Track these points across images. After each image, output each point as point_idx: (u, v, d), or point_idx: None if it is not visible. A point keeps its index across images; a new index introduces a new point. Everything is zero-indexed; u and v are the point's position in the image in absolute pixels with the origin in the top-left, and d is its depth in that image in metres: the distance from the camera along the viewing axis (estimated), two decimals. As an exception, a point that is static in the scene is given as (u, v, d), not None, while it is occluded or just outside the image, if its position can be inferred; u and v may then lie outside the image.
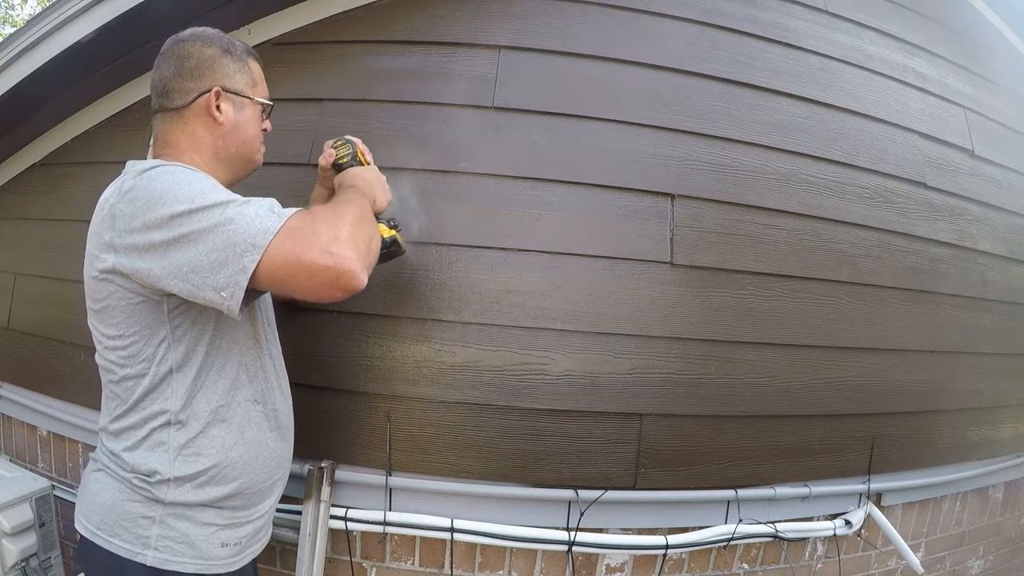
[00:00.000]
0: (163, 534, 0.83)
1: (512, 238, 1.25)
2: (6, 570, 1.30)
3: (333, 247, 0.70)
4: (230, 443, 0.86)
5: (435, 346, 1.22)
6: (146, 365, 0.80)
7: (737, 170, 1.37)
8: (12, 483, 1.39)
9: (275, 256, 0.69)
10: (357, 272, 0.72)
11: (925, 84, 1.71)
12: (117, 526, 0.83)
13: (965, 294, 1.65)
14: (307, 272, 0.70)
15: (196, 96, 0.86)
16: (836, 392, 1.42)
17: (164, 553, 0.82)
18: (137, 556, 0.82)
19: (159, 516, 0.83)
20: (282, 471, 0.99)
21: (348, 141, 1.05)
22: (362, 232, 0.76)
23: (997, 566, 1.96)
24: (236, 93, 0.89)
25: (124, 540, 0.82)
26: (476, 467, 1.22)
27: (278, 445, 0.96)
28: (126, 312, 0.78)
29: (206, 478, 0.84)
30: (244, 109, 0.91)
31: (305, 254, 0.69)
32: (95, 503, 0.85)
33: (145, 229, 0.72)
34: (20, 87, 1.41)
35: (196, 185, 0.74)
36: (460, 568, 1.25)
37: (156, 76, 0.88)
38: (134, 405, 0.82)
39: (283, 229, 0.70)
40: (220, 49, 0.89)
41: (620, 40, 1.36)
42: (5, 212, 1.72)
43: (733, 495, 1.31)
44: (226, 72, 0.89)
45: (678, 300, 1.28)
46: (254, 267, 0.69)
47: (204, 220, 0.70)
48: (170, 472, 0.82)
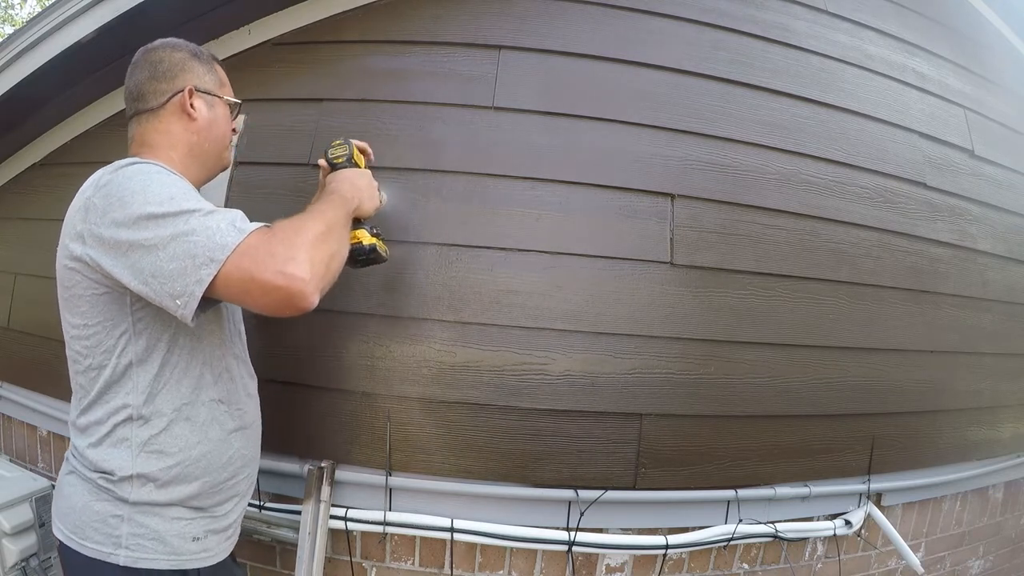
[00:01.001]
0: (133, 532, 0.82)
1: (512, 238, 1.24)
2: (6, 570, 1.30)
3: (288, 267, 0.71)
4: (193, 442, 0.86)
5: (435, 346, 1.22)
6: (107, 356, 0.81)
7: (737, 170, 1.37)
8: (12, 483, 1.39)
9: (230, 272, 0.70)
10: (308, 294, 0.72)
11: (925, 84, 1.71)
12: (88, 528, 0.83)
13: (965, 294, 1.65)
14: (260, 290, 0.71)
15: (170, 96, 0.90)
16: (836, 392, 1.42)
17: (136, 551, 0.82)
18: (109, 557, 0.82)
19: (127, 514, 0.82)
20: (247, 471, 0.98)
21: (346, 143, 1.05)
22: (321, 251, 0.76)
23: (997, 566, 1.96)
24: (207, 92, 0.94)
25: (95, 541, 0.82)
26: (476, 467, 1.22)
27: (243, 445, 0.95)
28: (91, 302, 0.79)
29: (169, 477, 0.84)
30: (215, 107, 0.95)
31: (259, 273, 0.70)
32: (67, 507, 0.85)
33: (113, 225, 0.74)
34: (20, 87, 1.41)
35: (168, 188, 0.76)
36: (460, 568, 1.25)
37: (130, 83, 0.92)
38: (97, 397, 0.83)
39: (241, 246, 0.71)
40: (188, 53, 0.94)
41: (620, 40, 1.36)
42: (5, 212, 1.72)
43: (733, 495, 1.31)
44: (196, 73, 0.93)
45: (678, 300, 1.28)
46: (210, 280, 0.70)
47: (169, 227, 0.72)
48: (132, 468, 0.82)
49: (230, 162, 1.01)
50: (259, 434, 1.02)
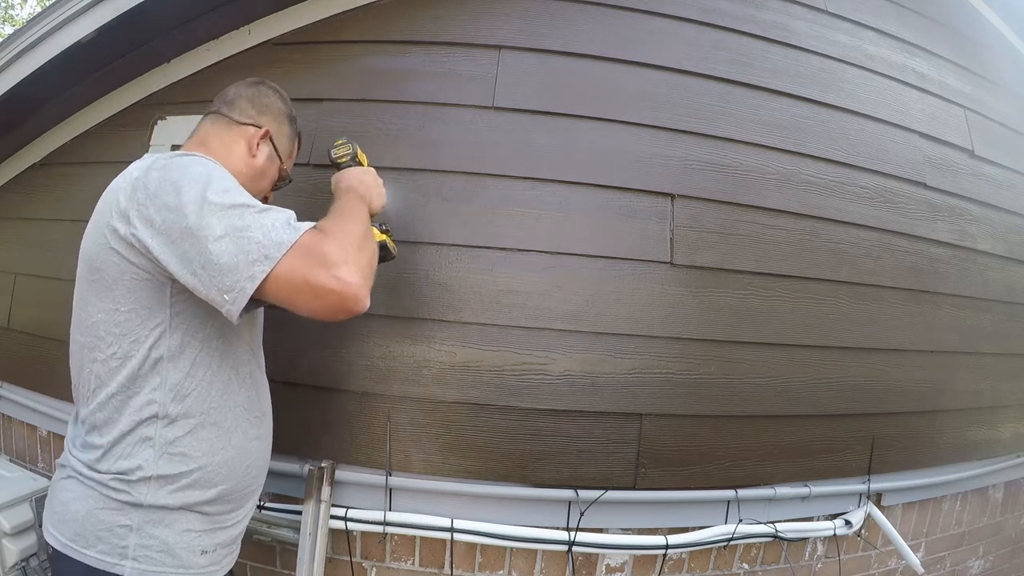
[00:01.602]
0: (141, 543, 0.80)
1: (512, 238, 1.24)
2: (6, 570, 1.30)
3: (340, 271, 0.70)
4: (218, 447, 0.84)
5: (435, 346, 1.22)
6: (136, 346, 0.77)
7: (737, 170, 1.37)
8: (12, 483, 1.39)
9: (283, 272, 0.69)
10: (362, 297, 0.73)
11: (925, 84, 1.71)
12: (92, 536, 0.79)
13: (965, 294, 1.65)
14: (312, 292, 0.71)
15: (251, 123, 0.95)
16: (836, 392, 1.42)
17: (143, 563, 0.79)
18: (114, 568, 0.79)
19: (136, 524, 0.79)
20: (261, 478, 0.98)
21: (349, 142, 1.05)
22: (366, 253, 0.77)
23: (997, 566, 1.96)
24: (276, 148, 0.99)
25: (100, 551, 0.79)
26: (476, 467, 1.22)
27: (260, 453, 0.95)
28: (128, 287, 0.76)
29: (189, 480, 0.82)
30: (273, 164, 0.99)
31: (312, 275, 0.70)
32: (67, 513, 0.81)
33: (165, 209, 0.71)
34: (20, 87, 1.41)
35: (225, 181, 0.75)
36: (460, 568, 1.25)
37: (232, 89, 0.98)
38: (119, 390, 0.78)
39: (296, 246, 0.70)
40: (287, 111, 1.02)
41: (620, 40, 1.36)
42: (5, 212, 1.72)
43: (733, 495, 1.31)
44: (281, 129, 1.00)
45: (678, 300, 1.28)
46: (263, 278, 0.69)
47: (224, 219, 0.70)
48: (153, 470, 0.79)
49: None
50: (271, 444, 1.02)
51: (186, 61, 1.46)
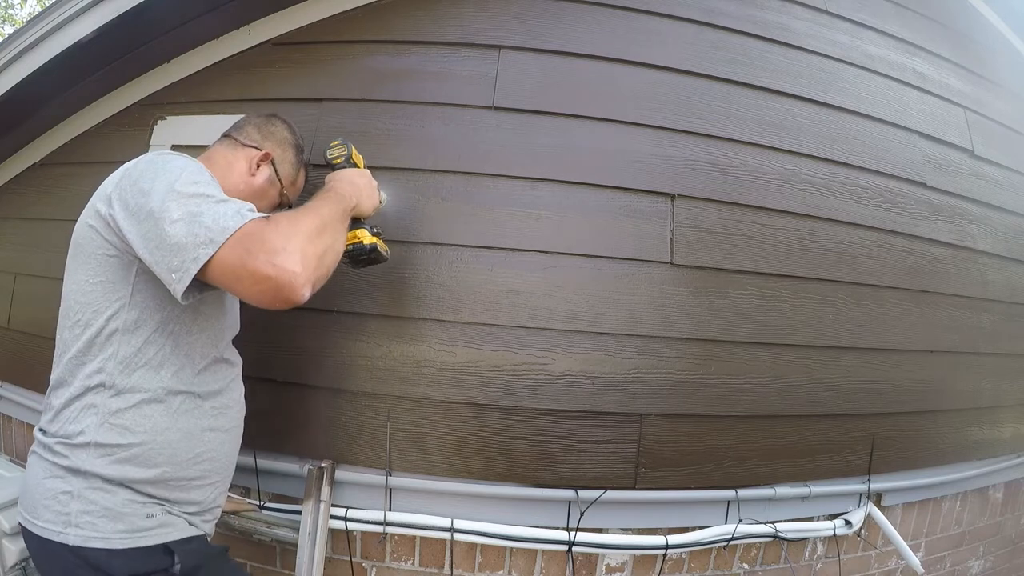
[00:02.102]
0: (83, 508, 0.80)
1: (512, 238, 1.25)
2: (6, 570, 1.29)
3: (278, 258, 0.71)
4: (162, 427, 0.84)
5: (435, 346, 1.22)
6: (96, 315, 0.82)
7: (737, 170, 1.37)
8: (12, 483, 1.39)
9: (225, 256, 0.71)
10: (298, 287, 0.72)
11: (925, 84, 1.71)
12: (40, 506, 0.81)
13: (965, 294, 1.65)
14: (251, 278, 0.71)
15: (254, 146, 1.03)
16: (836, 392, 1.42)
17: (86, 529, 0.79)
18: (59, 536, 0.79)
19: (77, 490, 0.80)
20: (217, 474, 0.94)
21: (345, 143, 1.05)
22: (314, 245, 0.76)
23: (997, 566, 1.96)
24: (276, 172, 1.05)
25: (47, 520, 0.80)
26: (476, 467, 1.22)
27: (215, 445, 0.93)
28: (99, 261, 0.82)
29: (127, 455, 0.81)
30: (273, 187, 1.05)
31: (250, 261, 0.71)
32: (24, 487, 0.85)
33: (140, 193, 0.77)
34: (20, 87, 1.41)
35: (197, 176, 0.79)
36: (460, 568, 1.25)
37: (245, 117, 1.08)
38: (76, 355, 0.83)
39: (238, 232, 0.72)
40: (293, 141, 1.10)
41: (620, 40, 1.36)
42: (5, 212, 1.72)
43: (733, 495, 1.31)
44: (285, 156, 1.07)
45: (678, 300, 1.28)
46: (206, 259, 0.71)
47: (183, 206, 0.74)
48: (93, 436, 0.80)
49: None
50: (236, 447, 1.00)
51: (186, 61, 1.46)
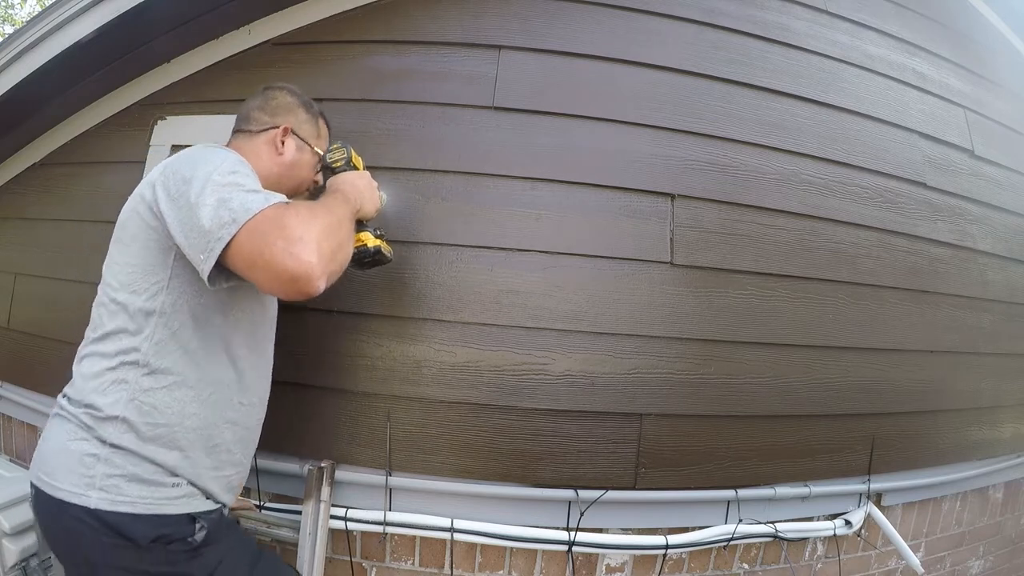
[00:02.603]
0: (108, 472, 0.79)
1: (512, 238, 1.25)
2: (6, 570, 1.30)
3: (295, 247, 0.71)
4: (189, 412, 0.85)
5: (435, 346, 1.22)
6: (134, 296, 0.83)
7: (737, 170, 1.37)
8: (12, 483, 1.39)
9: (245, 238, 0.72)
10: (314, 277, 0.72)
11: (925, 84, 1.71)
12: (62, 469, 0.80)
13: (965, 294, 1.65)
14: (266, 264, 0.71)
15: (268, 127, 1.01)
16: (836, 392, 1.42)
17: (110, 493, 0.79)
18: (81, 499, 0.78)
19: (104, 455, 0.80)
20: (232, 467, 0.95)
21: (344, 146, 1.05)
22: (330, 240, 0.77)
23: (997, 566, 1.95)
24: (300, 137, 1.03)
25: (68, 483, 0.79)
26: (476, 467, 1.22)
27: (234, 439, 0.94)
28: (142, 244, 0.84)
29: (152, 435, 0.82)
30: (303, 152, 1.04)
31: (268, 247, 0.71)
32: (43, 450, 0.84)
33: (181, 181, 0.79)
34: (20, 87, 1.41)
35: (236, 166, 0.81)
36: (460, 568, 1.25)
37: (243, 107, 1.04)
38: (112, 331, 0.84)
39: (259, 215, 0.73)
40: (299, 101, 1.06)
41: (620, 40, 1.36)
42: (5, 212, 1.72)
43: (733, 495, 1.31)
44: (298, 118, 1.05)
45: (678, 300, 1.28)
46: (229, 239, 0.72)
47: (217, 193, 0.76)
48: (122, 411, 0.81)
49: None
50: (254, 442, 1.01)
51: (186, 61, 1.46)
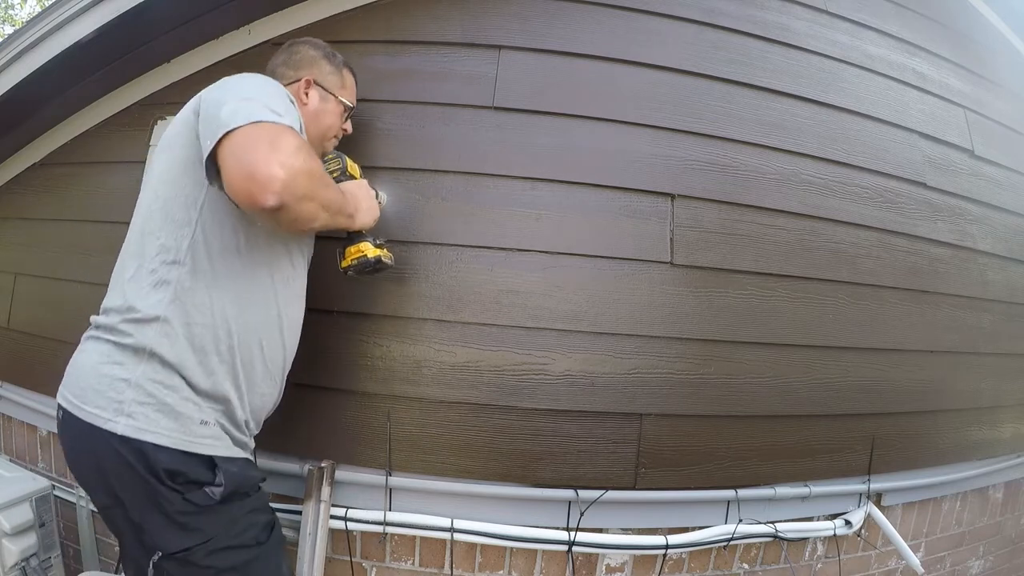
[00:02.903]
0: (138, 399, 0.79)
1: (512, 238, 1.24)
2: (6, 570, 1.30)
3: (275, 157, 0.71)
4: (228, 314, 0.87)
5: (435, 346, 1.22)
6: (178, 193, 0.85)
7: (737, 170, 1.37)
8: (12, 483, 1.39)
9: (243, 132, 0.73)
10: (269, 191, 0.71)
11: (925, 84, 1.71)
12: (92, 391, 0.80)
13: (965, 294, 1.65)
14: (240, 156, 0.72)
15: (292, 81, 1.05)
16: (836, 392, 1.42)
17: (138, 420, 0.78)
18: (108, 424, 0.78)
19: (136, 379, 0.79)
20: (259, 398, 0.95)
21: (339, 156, 1.06)
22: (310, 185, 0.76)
23: (997, 566, 1.96)
24: (324, 88, 1.07)
25: (97, 406, 0.79)
26: (476, 467, 1.22)
27: (262, 371, 0.94)
28: (183, 164, 0.85)
29: (190, 334, 0.83)
30: (328, 102, 1.08)
31: (254, 146, 0.72)
32: (74, 371, 0.84)
33: (215, 100, 0.81)
34: (20, 87, 1.41)
35: (269, 89, 0.84)
36: (460, 568, 1.25)
37: (270, 64, 1.09)
38: (153, 231, 0.85)
39: (268, 124, 0.74)
40: (322, 54, 1.10)
41: (620, 40, 1.36)
42: (5, 212, 1.72)
43: (733, 495, 1.31)
44: (321, 70, 1.09)
45: (678, 300, 1.28)
46: (233, 128, 0.73)
47: (241, 99, 0.78)
48: (163, 311, 0.81)
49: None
50: (276, 387, 1.00)
51: (186, 61, 1.46)
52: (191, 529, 0.82)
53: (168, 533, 0.81)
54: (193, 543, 0.82)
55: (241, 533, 0.88)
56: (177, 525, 0.81)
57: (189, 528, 0.82)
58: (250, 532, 0.89)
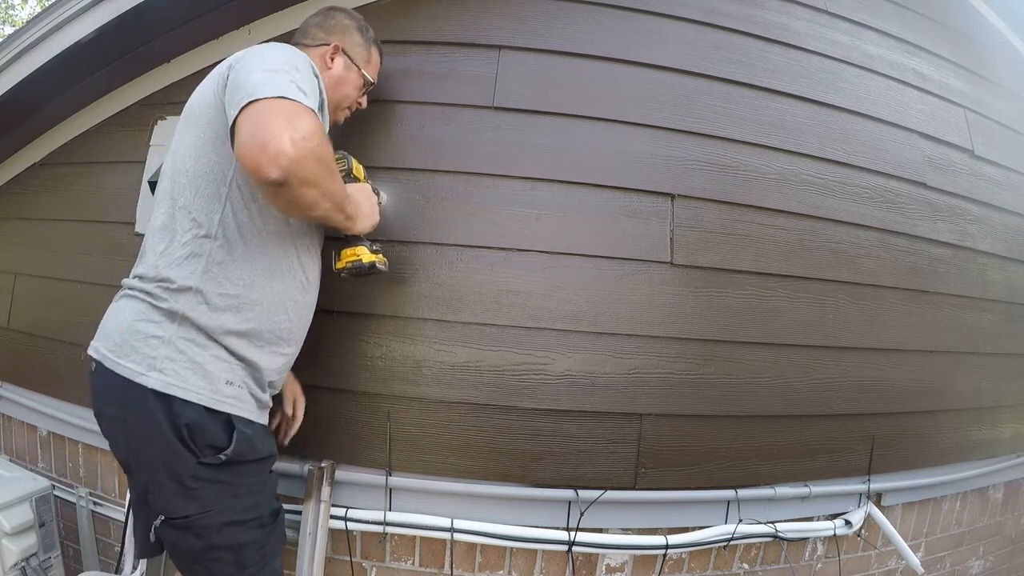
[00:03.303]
0: (170, 355, 0.83)
1: (512, 238, 1.24)
2: (6, 570, 1.30)
3: (287, 135, 0.72)
4: (260, 284, 0.90)
5: (435, 346, 1.22)
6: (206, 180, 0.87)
7: (737, 170, 1.37)
8: (12, 483, 1.39)
9: (265, 105, 0.74)
10: (275, 164, 0.72)
11: (925, 84, 1.71)
12: (126, 346, 0.84)
13: (965, 294, 1.65)
14: (257, 126, 0.73)
15: (322, 43, 1.08)
16: (836, 392, 1.42)
17: (168, 375, 0.82)
18: (140, 378, 0.82)
19: (169, 336, 0.83)
20: (289, 345, 1.00)
21: (345, 157, 1.05)
22: (317, 170, 0.77)
23: (997, 566, 1.96)
24: (350, 57, 1.10)
25: (131, 360, 0.83)
26: (476, 467, 1.22)
27: (296, 320, 1.00)
28: (211, 138, 0.87)
29: (225, 304, 0.87)
30: (351, 72, 1.11)
31: (273, 119, 0.73)
32: (109, 326, 0.88)
33: (243, 68, 0.82)
34: (20, 87, 1.41)
35: (295, 60, 0.85)
36: (460, 568, 1.25)
37: (304, 23, 1.13)
38: (184, 205, 0.87)
39: (291, 101, 0.75)
40: (356, 25, 1.13)
41: (620, 40, 1.36)
42: (5, 212, 1.72)
43: (733, 495, 1.31)
44: (351, 40, 1.12)
45: (678, 300, 1.28)
46: (258, 98, 0.75)
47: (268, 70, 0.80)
48: (196, 282, 0.85)
49: (340, 122, 1.17)
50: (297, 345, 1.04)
51: (186, 61, 1.46)
52: (195, 498, 0.85)
53: (174, 498, 0.84)
54: (194, 511, 0.85)
55: (244, 511, 0.90)
56: (184, 490, 0.84)
57: (194, 496, 0.85)
58: (252, 512, 0.92)
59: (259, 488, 0.94)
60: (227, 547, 0.89)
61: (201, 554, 0.88)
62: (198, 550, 0.87)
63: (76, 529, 1.52)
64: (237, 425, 0.88)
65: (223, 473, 0.87)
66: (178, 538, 0.87)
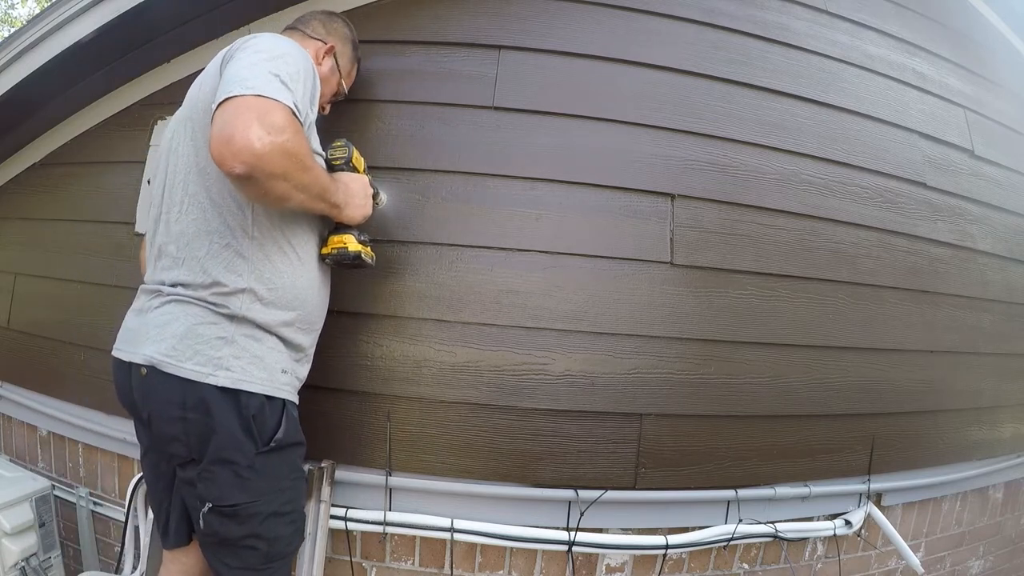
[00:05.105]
0: (235, 354, 0.88)
1: (512, 238, 1.24)
2: (6, 570, 1.30)
3: (257, 129, 0.74)
4: (299, 273, 0.97)
5: (435, 346, 1.22)
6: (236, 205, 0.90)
7: (737, 170, 1.37)
8: (12, 483, 1.39)
9: (244, 100, 0.76)
10: (240, 157, 0.73)
11: (925, 84, 1.71)
12: (189, 350, 0.87)
13: (965, 294, 1.65)
14: (231, 118, 0.75)
15: (319, 39, 1.13)
16: (836, 392, 1.42)
17: (236, 372, 0.87)
18: (208, 378, 0.86)
19: (231, 335, 0.88)
20: (320, 323, 1.08)
21: (347, 145, 1.05)
22: (288, 164, 0.79)
23: (997, 566, 1.96)
24: (338, 63, 1.15)
25: (197, 363, 0.86)
26: (476, 467, 1.22)
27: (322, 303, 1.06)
28: None
29: (273, 298, 0.92)
30: (333, 76, 1.15)
31: (247, 114, 0.75)
32: (164, 333, 0.88)
33: (238, 58, 0.84)
34: (20, 87, 1.41)
35: (290, 57, 0.87)
36: (460, 568, 1.25)
37: (308, 13, 1.18)
38: (219, 207, 0.90)
39: (270, 99, 0.77)
40: (352, 38, 1.20)
41: (620, 40, 1.36)
42: (5, 212, 1.72)
43: (733, 495, 1.31)
44: (345, 49, 1.17)
45: (678, 300, 1.28)
46: (240, 94, 0.77)
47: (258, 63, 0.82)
48: (247, 283, 0.89)
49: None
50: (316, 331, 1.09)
51: (186, 61, 1.46)
52: (248, 487, 0.90)
53: (229, 488, 0.89)
54: (246, 499, 0.90)
55: (285, 504, 0.96)
56: (240, 481, 0.89)
57: (247, 486, 0.89)
58: (290, 506, 0.98)
59: (298, 483, 1.01)
60: (265, 538, 0.93)
61: (238, 541, 0.92)
62: (237, 537, 0.92)
63: (76, 529, 1.52)
64: (288, 411, 0.96)
65: (272, 460, 0.92)
66: (221, 525, 0.91)
